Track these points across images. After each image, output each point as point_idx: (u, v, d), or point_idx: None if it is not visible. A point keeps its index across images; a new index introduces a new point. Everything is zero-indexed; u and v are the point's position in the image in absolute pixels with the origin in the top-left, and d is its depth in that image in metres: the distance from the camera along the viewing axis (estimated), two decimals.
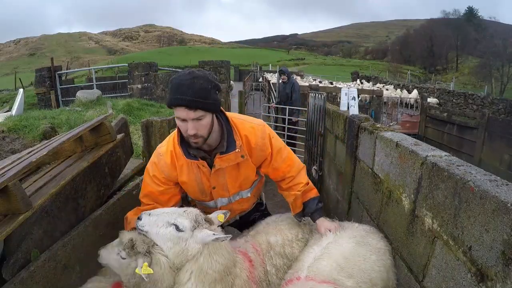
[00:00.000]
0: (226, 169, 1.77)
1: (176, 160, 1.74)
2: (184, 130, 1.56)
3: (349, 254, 1.65)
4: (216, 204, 1.94)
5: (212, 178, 1.77)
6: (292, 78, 7.89)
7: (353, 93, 3.35)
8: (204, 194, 1.86)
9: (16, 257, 1.44)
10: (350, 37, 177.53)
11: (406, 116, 14.87)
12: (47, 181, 1.69)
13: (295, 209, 1.97)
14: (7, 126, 3.70)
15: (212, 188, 1.82)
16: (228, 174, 1.81)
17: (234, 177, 1.84)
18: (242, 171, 1.84)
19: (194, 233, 1.43)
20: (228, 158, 1.71)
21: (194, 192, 1.85)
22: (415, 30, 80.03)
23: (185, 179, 1.77)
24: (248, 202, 2.09)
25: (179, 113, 1.51)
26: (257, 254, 1.79)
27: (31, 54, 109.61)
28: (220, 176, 1.79)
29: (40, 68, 10.54)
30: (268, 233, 1.93)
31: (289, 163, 1.95)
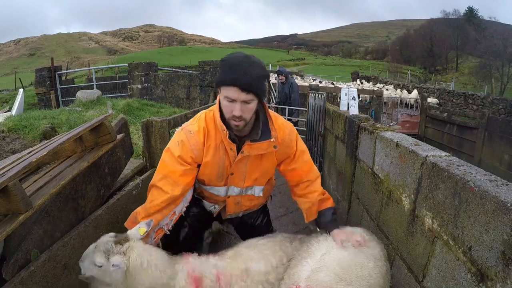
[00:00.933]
0: (251, 157, 1.77)
1: (206, 140, 1.72)
2: (230, 110, 1.56)
3: (346, 263, 1.60)
4: (227, 192, 1.91)
5: (235, 164, 1.76)
6: (291, 79, 7.87)
7: (353, 93, 3.35)
8: (220, 179, 1.83)
9: (16, 257, 1.44)
10: (350, 37, 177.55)
11: (406, 116, 14.87)
12: (47, 181, 1.69)
13: (309, 216, 1.92)
14: (7, 126, 3.70)
15: (230, 174, 1.81)
16: (250, 164, 1.80)
17: (254, 168, 1.83)
18: (264, 163, 1.84)
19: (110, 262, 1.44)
20: (259, 146, 1.72)
21: (211, 174, 1.81)
22: (415, 30, 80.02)
23: (209, 159, 1.74)
24: (258, 201, 2.07)
25: (230, 93, 1.52)
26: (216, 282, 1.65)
27: (31, 54, 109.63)
28: (242, 164, 1.79)
29: (40, 68, 10.53)
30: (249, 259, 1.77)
31: (309, 167, 1.95)
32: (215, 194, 1.93)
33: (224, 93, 1.55)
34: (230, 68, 1.51)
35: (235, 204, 1.98)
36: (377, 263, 1.67)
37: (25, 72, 50.16)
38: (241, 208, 2.02)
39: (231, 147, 1.70)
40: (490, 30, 63.98)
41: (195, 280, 1.60)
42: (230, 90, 1.51)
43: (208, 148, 1.72)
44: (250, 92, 1.51)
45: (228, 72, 1.51)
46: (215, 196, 1.95)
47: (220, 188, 1.89)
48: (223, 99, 1.57)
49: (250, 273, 1.70)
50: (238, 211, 2.04)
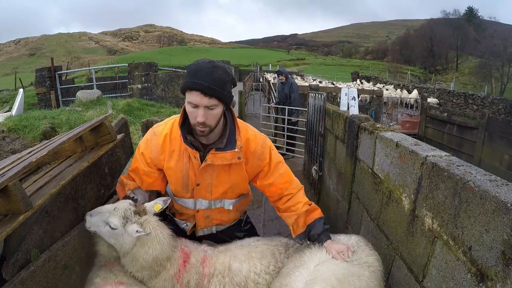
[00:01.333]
0: (216, 168, 1.70)
1: (169, 144, 1.70)
2: (194, 116, 1.53)
3: (342, 274, 1.53)
4: (195, 205, 1.84)
5: (200, 173, 1.70)
6: (291, 79, 7.86)
7: (353, 93, 3.35)
8: (186, 189, 1.78)
9: (16, 257, 1.44)
10: (350, 37, 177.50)
11: (406, 116, 14.87)
12: (47, 181, 1.68)
13: (296, 230, 1.79)
14: (7, 126, 3.70)
15: (196, 185, 1.74)
16: (216, 174, 1.73)
17: (221, 180, 1.75)
18: (232, 176, 1.76)
19: (125, 229, 1.56)
20: (223, 156, 1.66)
21: (176, 183, 1.77)
22: (415, 30, 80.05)
23: (173, 165, 1.71)
24: (229, 215, 1.97)
25: (192, 98, 1.49)
26: (200, 264, 1.72)
27: (31, 54, 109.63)
28: (207, 174, 1.72)
29: (40, 68, 10.53)
30: (234, 257, 1.78)
31: (287, 179, 1.84)
32: (185, 207, 1.88)
33: (188, 99, 1.52)
34: (193, 72, 1.49)
35: (205, 218, 1.90)
36: (372, 272, 1.63)
37: (25, 72, 50.19)
38: (212, 222, 1.94)
39: (194, 154, 1.65)
40: (490, 30, 63.98)
41: (184, 254, 1.73)
42: (192, 95, 1.49)
43: (171, 153, 1.71)
44: (213, 97, 1.48)
45: (192, 76, 1.48)
46: (185, 209, 1.90)
47: (187, 200, 1.84)
48: (187, 105, 1.55)
49: (231, 272, 1.73)
50: (209, 225, 1.95)
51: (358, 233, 2.60)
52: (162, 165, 1.75)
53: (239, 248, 1.85)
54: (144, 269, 1.63)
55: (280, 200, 1.85)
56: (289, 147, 7.54)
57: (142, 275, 1.66)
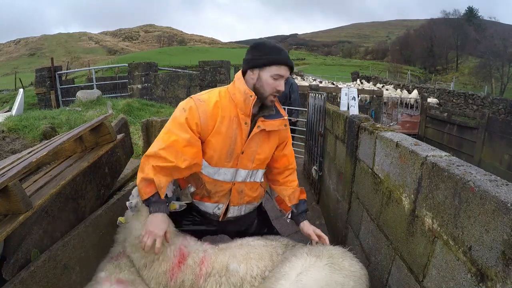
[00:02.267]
0: (262, 135, 1.83)
1: (221, 110, 1.73)
2: (274, 87, 1.72)
3: (325, 283, 1.50)
4: (234, 176, 1.86)
5: (250, 139, 1.79)
6: (291, 79, 7.80)
7: (353, 93, 3.35)
8: (230, 157, 1.80)
9: (16, 257, 1.44)
10: (350, 37, 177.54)
11: (406, 116, 14.88)
12: (47, 181, 1.69)
13: (291, 200, 2.02)
14: (7, 126, 3.70)
15: (241, 153, 1.80)
16: (261, 143, 1.85)
17: (264, 148, 1.88)
18: (271, 144, 1.92)
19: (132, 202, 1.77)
20: (273, 123, 1.83)
21: (222, 151, 1.77)
22: (415, 30, 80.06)
23: (224, 131, 1.73)
24: (258, 191, 2.04)
25: (281, 71, 1.71)
26: (198, 266, 1.73)
27: (31, 54, 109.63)
28: (254, 142, 1.82)
29: (40, 68, 10.53)
30: (233, 257, 1.78)
31: (293, 155, 2.12)
32: (221, 180, 1.86)
33: (273, 72, 1.70)
34: (278, 51, 1.71)
35: (239, 193, 1.93)
36: (357, 281, 1.62)
37: (25, 72, 50.18)
38: (244, 199, 1.97)
39: (246, 120, 1.74)
40: (490, 30, 63.98)
41: (181, 255, 1.75)
42: (281, 68, 1.70)
43: (222, 119, 1.73)
44: (291, 72, 1.77)
45: (277, 54, 1.70)
46: (220, 185, 1.87)
47: (227, 170, 1.84)
48: (268, 78, 1.70)
49: (228, 272, 1.73)
50: (241, 202, 1.98)
51: (358, 233, 2.60)
52: (208, 133, 1.73)
53: (238, 247, 1.84)
54: (134, 248, 1.73)
55: (283, 173, 2.06)
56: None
57: (136, 259, 1.75)
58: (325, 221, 4.12)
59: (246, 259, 1.76)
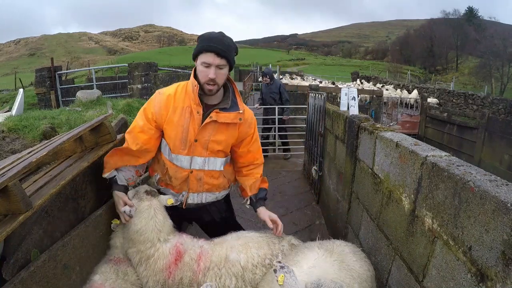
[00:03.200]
0: (216, 126, 1.92)
1: (173, 101, 1.91)
2: (205, 75, 1.78)
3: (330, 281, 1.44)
4: (190, 164, 1.99)
5: (201, 129, 1.89)
6: (277, 80, 7.75)
7: (353, 93, 3.35)
8: (184, 145, 1.93)
9: (16, 257, 1.44)
10: (350, 37, 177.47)
11: (406, 116, 14.87)
12: (47, 181, 1.68)
13: (252, 190, 2.15)
14: (7, 126, 3.70)
15: (194, 141, 1.92)
16: (214, 133, 1.93)
17: (218, 138, 1.96)
18: (227, 135, 1.98)
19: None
20: (227, 115, 1.91)
21: (176, 138, 1.93)
22: (415, 30, 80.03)
23: (175, 120, 1.89)
24: (218, 180, 2.12)
25: (207, 58, 1.76)
26: (195, 262, 1.78)
27: (31, 54, 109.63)
28: (207, 131, 1.91)
29: (40, 68, 10.51)
30: (231, 248, 1.83)
31: (260, 152, 2.22)
32: (180, 168, 2.00)
33: (201, 60, 1.78)
34: (208, 39, 1.77)
35: (198, 180, 2.03)
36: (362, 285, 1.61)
37: (25, 72, 50.18)
38: (203, 186, 2.07)
39: (198, 109, 1.86)
40: (490, 30, 63.97)
41: (177, 252, 1.81)
42: (207, 56, 1.75)
43: (175, 110, 1.90)
44: (224, 58, 1.76)
45: (207, 41, 1.76)
46: (180, 172, 2.01)
47: (184, 157, 1.97)
48: (199, 66, 1.80)
49: (228, 263, 1.77)
50: (200, 190, 2.08)
51: (358, 233, 2.60)
52: (163, 121, 1.93)
53: (235, 239, 1.93)
54: (131, 242, 1.83)
55: (247, 167, 2.18)
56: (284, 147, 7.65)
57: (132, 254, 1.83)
58: (325, 221, 4.12)
59: (245, 248, 1.84)
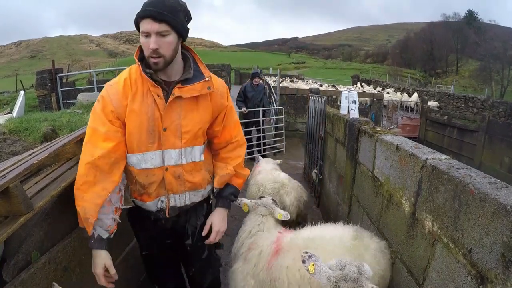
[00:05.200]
0: (184, 104, 1.57)
1: (130, 87, 1.54)
2: (147, 46, 1.46)
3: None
4: (163, 160, 1.60)
5: (166, 112, 1.54)
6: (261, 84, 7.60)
7: (353, 96, 3.36)
8: (153, 136, 1.55)
9: (17, 258, 1.44)
10: (350, 40, 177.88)
11: (407, 119, 14.88)
12: (48, 183, 1.69)
13: (218, 182, 1.78)
14: (8, 128, 3.70)
15: (163, 130, 1.55)
16: (184, 113, 1.58)
17: (190, 118, 1.60)
18: (201, 112, 1.63)
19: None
20: (192, 88, 1.56)
21: (141, 130, 1.54)
22: (415, 34, 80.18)
23: (136, 107, 1.52)
24: (201, 174, 1.73)
25: (144, 26, 1.44)
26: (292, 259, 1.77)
27: (32, 57, 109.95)
28: (175, 113, 1.56)
29: (41, 71, 10.55)
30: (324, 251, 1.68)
31: (237, 125, 1.84)
32: (150, 168, 1.60)
33: (141, 29, 1.46)
34: (145, 4, 1.46)
35: (176, 178, 1.65)
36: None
37: (26, 74, 50.29)
38: (185, 185, 1.68)
39: (157, 92, 1.52)
40: (490, 33, 64.21)
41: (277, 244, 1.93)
42: (144, 23, 1.43)
43: (134, 96, 1.53)
44: (163, 22, 1.42)
45: (143, 6, 1.45)
46: (152, 173, 1.61)
47: (154, 153, 1.58)
48: (141, 38, 1.48)
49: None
50: (182, 190, 1.69)
51: None
52: (125, 113, 1.54)
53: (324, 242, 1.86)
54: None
55: (225, 148, 1.82)
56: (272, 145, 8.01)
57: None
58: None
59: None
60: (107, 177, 1.51)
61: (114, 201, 1.59)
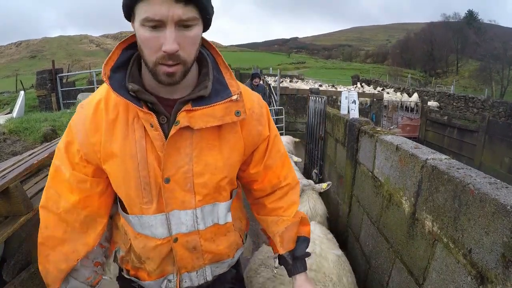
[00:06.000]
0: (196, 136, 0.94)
1: (106, 113, 0.93)
2: (155, 45, 0.81)
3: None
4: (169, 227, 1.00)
5: (168, 153, 0.91)
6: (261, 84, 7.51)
7: (353, 96, 3.36)
8: (148, 194, 0.95)
9: (17, 258, 1.44)
10: (350, 40, 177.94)
11: (407, 120, 14.88)
12: None
13: (285, 243, 1.15)
14: (8, 128, 3.71)
15: (164, 181, 0.93)
16: (197, 150, 0.95)
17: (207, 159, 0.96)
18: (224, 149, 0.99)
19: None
20: (211, 112, 0.91)
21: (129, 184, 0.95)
22: (416, 34, 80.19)
23: (117, 148, 0.92)
24: (227, 237, 1.12)
25: (153, 9, 0.77)
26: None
27: (32, 57, 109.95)
28: (181, 151, 0.93)
29: (41, 71, 10.55)
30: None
31: (286, 162, 1.18)
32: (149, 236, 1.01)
33: (142, 14, 0.79)
34: None
35: (191, 251, 1.05)
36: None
37: (26, 75, 50.28)
38: (204, 257, 1.09)
39: (149, 120, 0.88)
40: (490, 33, 64.26)
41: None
42: (152, 3, 0.77)
43: (111, 128, 0.93)
44: (190, 3, 0.79)
45: None
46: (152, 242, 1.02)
47: (153, 218, 0.98)
48: (140, 28, 0.81)
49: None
50: (201, 264, 1.10)
51: (358, 236, 2.60)
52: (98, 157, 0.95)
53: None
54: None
55: (272, 195, 1.17)
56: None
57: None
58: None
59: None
60: (79, 236, 1.04)
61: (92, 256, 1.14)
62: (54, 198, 1.01)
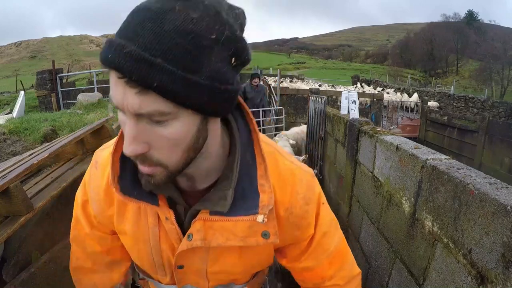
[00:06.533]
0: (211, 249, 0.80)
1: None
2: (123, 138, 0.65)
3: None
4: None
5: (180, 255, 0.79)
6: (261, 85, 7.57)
7: (353, 96, 3.37)
8: (162, 271, 0.88)
9: (17, 258, 1.44)
10: (350, 40, 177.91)
11: (407, 120, 14.89)
12: (48, 183, 1.69)
13: None
14: (8, 128, 3.71)
15: (177, 267, 0.84)
16: (214, 255, 0.82)
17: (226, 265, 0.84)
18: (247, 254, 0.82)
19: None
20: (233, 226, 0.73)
21: (142, 262, 0.89)
22: (416, 34, 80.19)
23: (129, 229, 0.82)
24: None
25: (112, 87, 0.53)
26: None
27: (32, 57, 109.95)
28: (196, 257, 0.82)
29: (41, 71, 10.56)
30: None
31: (336, 259, 0.93)
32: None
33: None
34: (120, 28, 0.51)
35: None
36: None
37: (26, 75, 50.29)
38: None
39: (165, 214, 0.75)
40: (490, 34, 64.30)
41: None
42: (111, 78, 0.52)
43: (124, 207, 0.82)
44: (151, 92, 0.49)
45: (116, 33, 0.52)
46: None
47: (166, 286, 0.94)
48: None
49: None
50: None
51: (358, 236, 2.60)
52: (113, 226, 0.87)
53: None
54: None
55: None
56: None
57: None
58: None
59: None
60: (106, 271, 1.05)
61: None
62: (80, 239, 1.01)
